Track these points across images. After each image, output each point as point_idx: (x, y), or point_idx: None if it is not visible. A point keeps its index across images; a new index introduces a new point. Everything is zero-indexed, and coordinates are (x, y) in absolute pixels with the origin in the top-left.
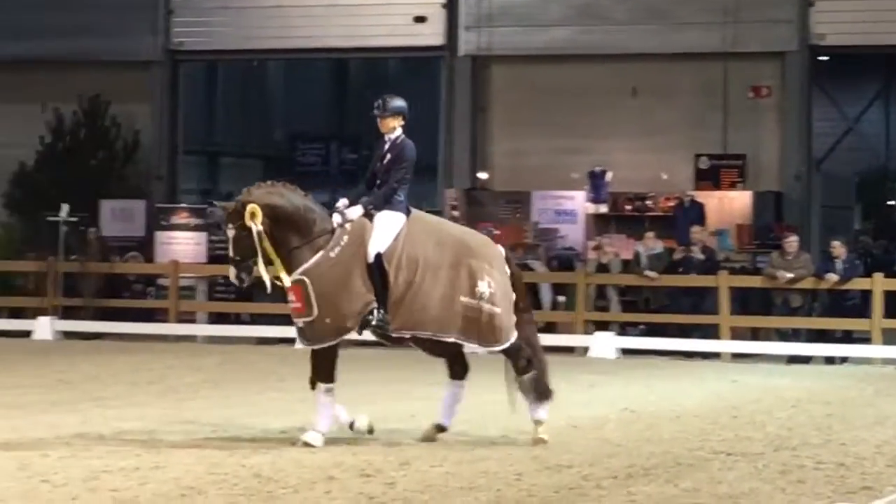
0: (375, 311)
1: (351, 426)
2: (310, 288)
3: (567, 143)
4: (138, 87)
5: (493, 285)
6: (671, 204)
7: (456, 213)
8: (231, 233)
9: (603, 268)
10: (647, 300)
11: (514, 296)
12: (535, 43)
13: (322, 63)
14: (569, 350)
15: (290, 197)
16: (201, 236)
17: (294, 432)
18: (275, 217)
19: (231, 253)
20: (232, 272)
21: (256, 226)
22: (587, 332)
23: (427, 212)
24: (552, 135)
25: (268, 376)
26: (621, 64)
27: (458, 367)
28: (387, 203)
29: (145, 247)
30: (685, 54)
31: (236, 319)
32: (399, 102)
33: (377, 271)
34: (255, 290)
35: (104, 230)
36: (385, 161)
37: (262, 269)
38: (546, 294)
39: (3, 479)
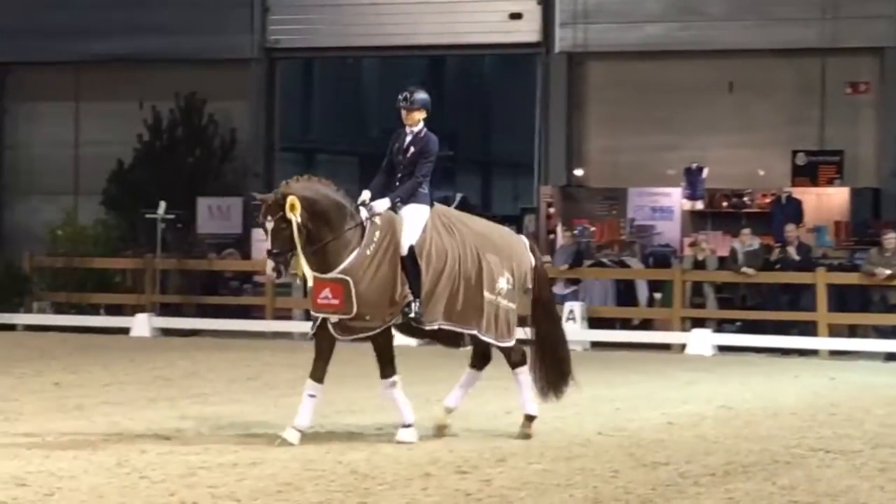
0: (413, 304)
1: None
2: (352, 287)
3: (663, 139)
4: (235, 84)
5: (511, 281)
6: (768, 200)
7: (552, 210)
8: (269, 225)
9: (699, 264)
10: (744, 297)
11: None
12: (631, 39)
13: (417, 60)
14: (665, 347)
15: (326, 191)
16: None
17: (389, 429)
18: (312, 211)
19: (269, 245)
20: (269, 265)
21: (296, 218)
22: (684, 329)
23: (522, 209)
24: (648, 131)
25: (366, 373)
26: (718, 60)
27: (481, 359)
28: (412, 196)
29: (242, 243)
30: (783, 50)
31: None
32: (424, 95)
33: (411, 264)
34: None
35: (201, 227)
36: (409, 154)
37: (302, 262)
38: (642, 291)
39: (102, 475)
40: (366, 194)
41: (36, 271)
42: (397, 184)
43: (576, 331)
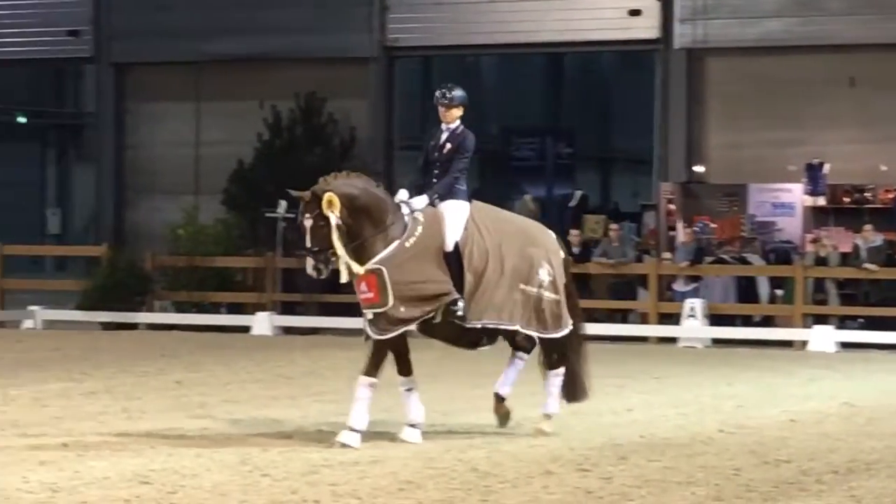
0: (460, 302)
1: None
2: (386, 277)
3: (783, 135)
4: (354, 83)
5: (552, 272)
6: (891, 196)
7: (672, 207)
8: (308, 223)
9: (821, 261)
10: (867, 293)
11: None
12: (751, 35)
13: (536, 57)
14: (787, 344)
15: (366, 187)
16: None
17: (510, 427)
18: (352, 207)
19: (308, 243)
20: (309, 263)
21: (335, 215)
22: (805, 325)
23: (642, 206)
24: (768, 127)
25: (485, 371)
26: (838, 54)
27: (525, 342)
28: (450, 193)
29: None
30: None
31: None
32: (462, 93)
33: (455, 260)
34: None
35: None
36: (445, 150)
37: (344, 260)
38: (763, 288)
39: (224, 473)
40: (403, 193)
41: (158, 270)
42: (434, 181)
43: (696, 328)
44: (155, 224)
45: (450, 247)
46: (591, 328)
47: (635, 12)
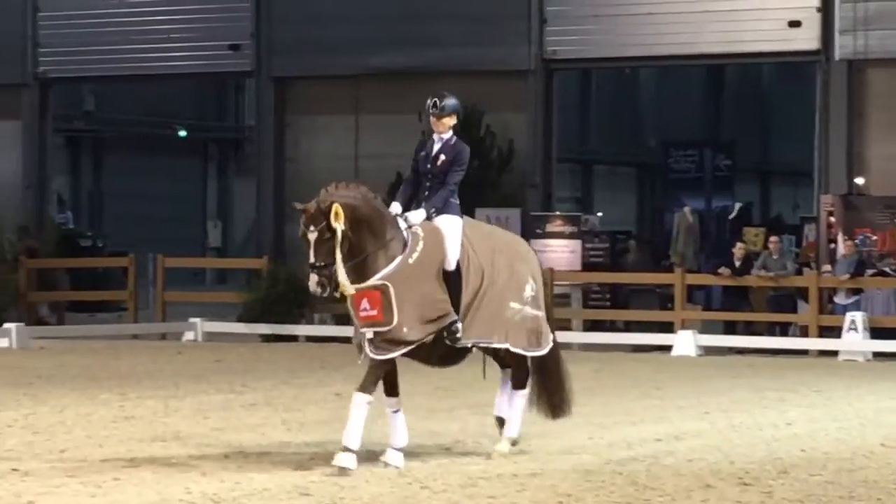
0: (459, 324)
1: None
2: (392, 294)
3: None
4: (513, 96)
5: (535, 287)
6: None
7: (832, 219)
8: (312, 236)
9: None
10: None
11: None
12: None
13: (695, 69)
14: None
15: (366, 198)
16: (576, 244)
17: (670, 440)
18: (354, 219)
19: (312, 258)
20: (313, 280)
21: (341, 227)
22: None
23: (802, 218)
24: None
25: (644, 384)
26: None
27: (522, 374)
28: (446, 206)
29: None
30: None
31: (611, 327)
32: (454, 101)
33: (456, 280)
34: (631, 297)
35: None
36: (439, 162)
37: (341, 273)
38: None
39: (383, 485)
40: (396, 206)
41: None
42: (426, 193)
43: (857, 341)
44: None
45: (452, 265)
46: (751, 341)
47: (795, 24)
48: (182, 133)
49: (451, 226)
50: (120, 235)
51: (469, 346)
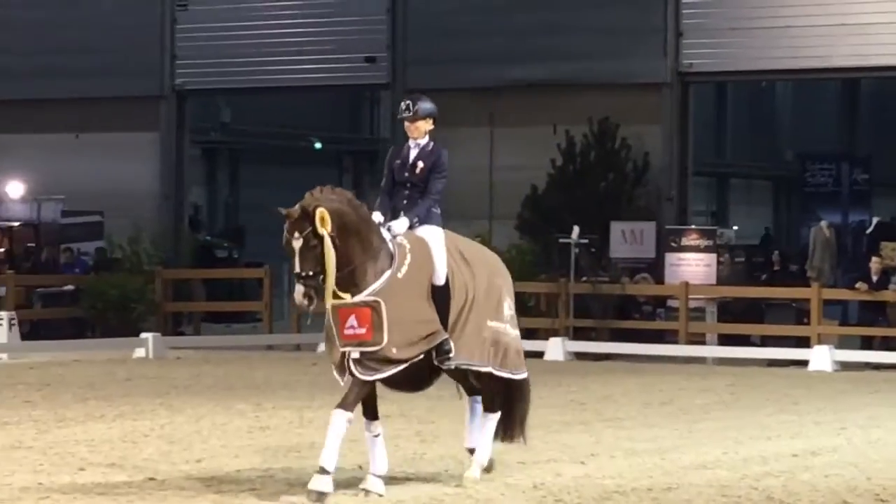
0: (450, 343)
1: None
2: (384, 312)
3: None
4: (648, 109)
5: (512, 306)
6: None
7: None
8: (297, 243)
9: None
10: None
11: None
12: None
13: (830, 83)
14: None
15: (355, 204)
16: (711, 258)
17: (806, 456)
18: (343, 226)
19: (297, 268)
20: (298, 291)
21: (328, 233)
22: None
23: None
24: None
25: (780, 398)
26: None
27: (493, 397)
28: (428, 217)
29: (655, 268)
30: None
31: (746, 341)
32: (429, 104)
33: (444, 296)
34: (767, 311)
35: (614, 252)
36: (417, 170)
37: (330, 284)
38: None
39: (518, 499)
40: (378, 216)
41: None
42: (404, 202)
43: None
44: None
45: (441, 280)
46: (889, 356)
47: None
48: (317, 145)
49: (435, 238)
50: (255, 246)
51: (453, 367)
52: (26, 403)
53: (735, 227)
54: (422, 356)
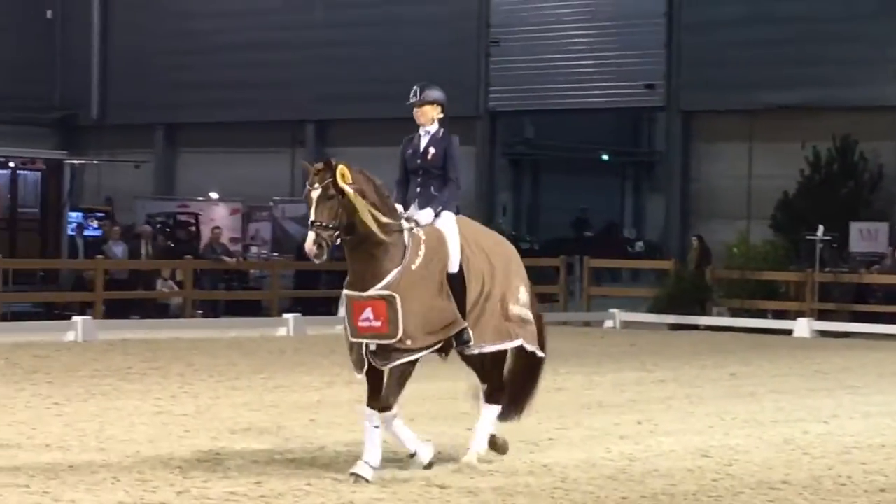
0: (469, 331)
1: (412, 456)
2: (399, 306)
3: None
4: (882, 128)
5: (526, 291)
6: None
7: None
8: (315, 193)
9: None
10: None
11: None
12: None
13: None
14: None
15: (380, 189)
16: None
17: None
18: (362, 195)
19: (313, 216)
20: (310, 237)
21: (349, 187)
22: None
23: None
24: None
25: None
26: None
27: (498, 389)
28: (449, 203)
29: (886, 261)
30: None
31: None
32: (437, 92)
33: (459, 284)
34: None
35: (853, 247)
36: (430, 156)
37: (370, 219)
38: None
39: (770, 451)
40: (399, 208)
41: (716, 282)
42: (418, 190)
43: None
44: (713, 244)
45: (455, 268)
46: None
47: None
48: (605, 157)
49: (449, 224)
50: (552, 239)
51: (476, 353)
52: None
53: None
54: (440, 345)
